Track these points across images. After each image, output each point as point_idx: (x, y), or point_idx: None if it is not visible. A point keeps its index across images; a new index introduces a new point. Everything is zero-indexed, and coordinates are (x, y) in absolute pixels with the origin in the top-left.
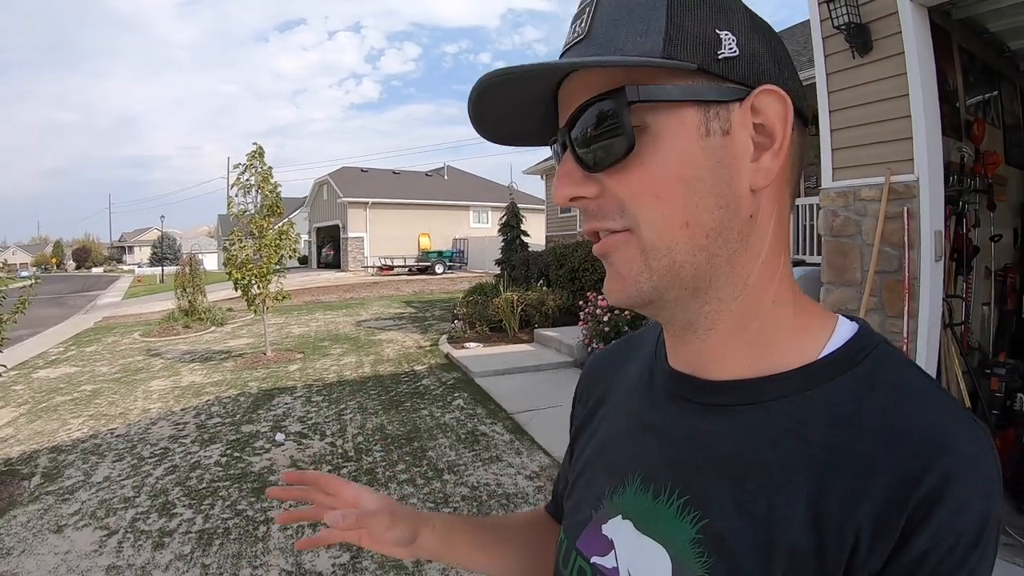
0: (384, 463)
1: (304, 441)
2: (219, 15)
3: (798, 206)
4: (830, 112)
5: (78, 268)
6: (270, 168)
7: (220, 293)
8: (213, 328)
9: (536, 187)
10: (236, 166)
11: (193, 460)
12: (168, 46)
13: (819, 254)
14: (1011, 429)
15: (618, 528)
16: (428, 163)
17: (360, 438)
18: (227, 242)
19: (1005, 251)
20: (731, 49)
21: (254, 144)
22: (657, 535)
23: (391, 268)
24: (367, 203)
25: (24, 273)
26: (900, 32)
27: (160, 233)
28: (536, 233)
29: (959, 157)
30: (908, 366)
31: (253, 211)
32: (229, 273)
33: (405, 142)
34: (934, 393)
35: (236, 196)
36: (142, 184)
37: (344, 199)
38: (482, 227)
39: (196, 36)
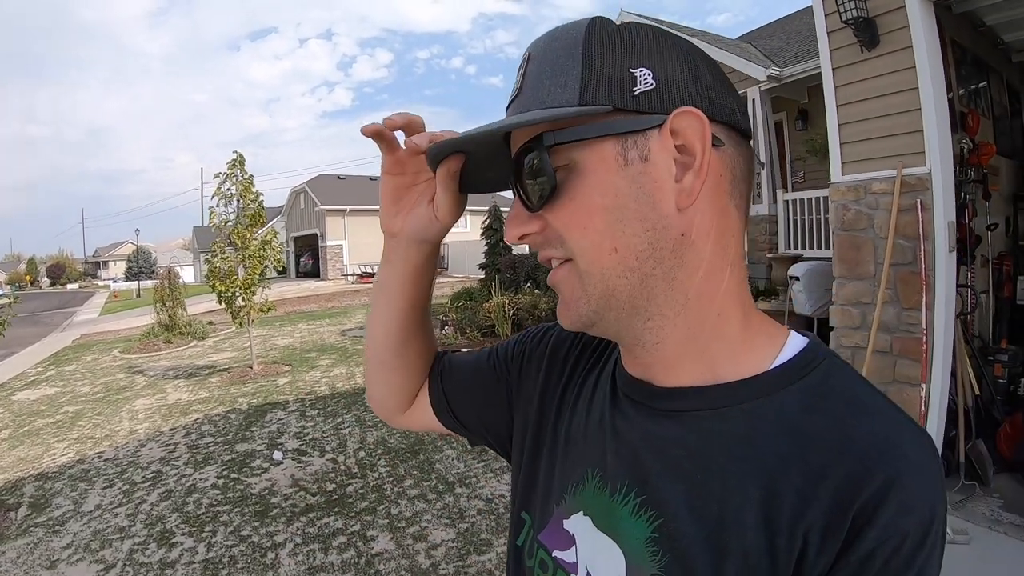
0: (391, 478)
1: (303, 458)
2: (190, 24)
3: (788, 201)
4: (837, 107)
5: (52, 285)
6: (251, 176)
7: (199, 306)
8: (195, 342)
9: None
10: (216, 175)
11: (188, 484)
12: (139, 56)
13: (816, 248)
14: (1018, 413)
15: (579, 524)
16: None
17: (362, 453)
18: (209, 254)
19: (999, 239)
20: (647, 83)
21: (234, 152)
22: (613, 533)
23: (371, 276)
24: (345, 210)
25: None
26: (908, 26)
27: (135, 247)
28: None
29: (959, 149)
30: (854, 378)
31: (235, 221)
32: (212, 286)
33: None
34: (879, 403)
35: (217, 206)
36: (115, 198)
37: (322, 207)
38: (462, 231)
39: (167, 45)
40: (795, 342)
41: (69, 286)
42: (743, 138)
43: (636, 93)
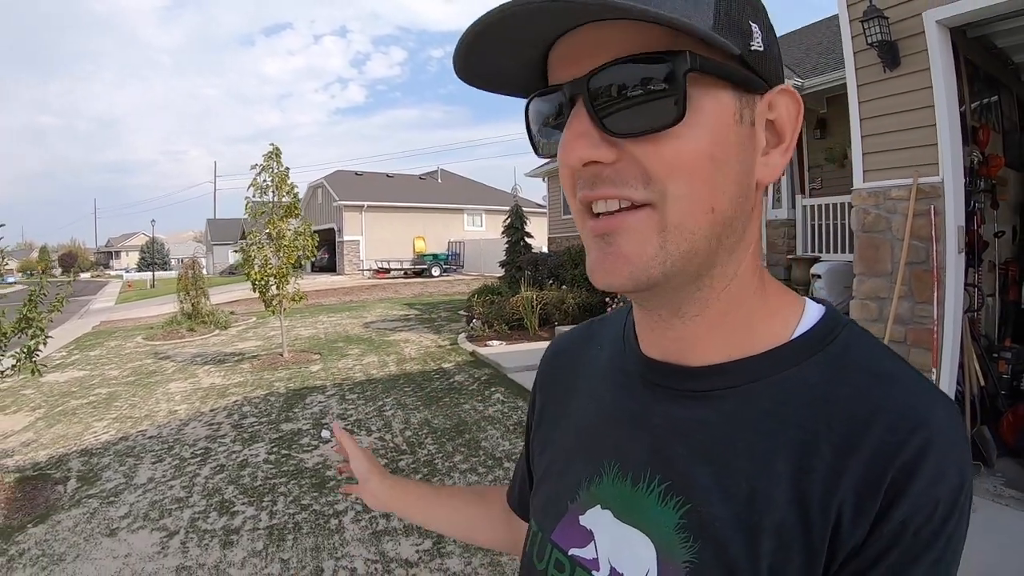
0: (440, 455)
1: (352, 437)
2: (203, 18)
3: (806, 207)
4: (861, 120)
5: (64, 274)
6: (287, 169)
7: (217, 297)
8: (217, 331)
9: (538, 189)
10: (253, 166)
11: (239, 459)
12: (151, 49)
13: (832, 251)
14: (1021, 405)
15: (597, 518)
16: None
17: (408, 432)
18: (244, 243)
19: (1006, 246)
20: (758, 43)
21: (271, 144)
22: (639, 523)
23: (387, 271)
24: (363, 206)
25: (10, 279)
26: (926, 50)
27: (148, 238)
28: (538, 235)
29: (969, 161)
30: (877, 345)
31: (270, 212)
32: (247, 274)
33: (391, 146)
34: (905, 371)
35: (253, 196)
36: (127, 189)
37: (340, 202)
38: (476, 230)
39: (180, 39)
40: (812, 311)
41: (81, 275)
42: None
43: (752, 50)
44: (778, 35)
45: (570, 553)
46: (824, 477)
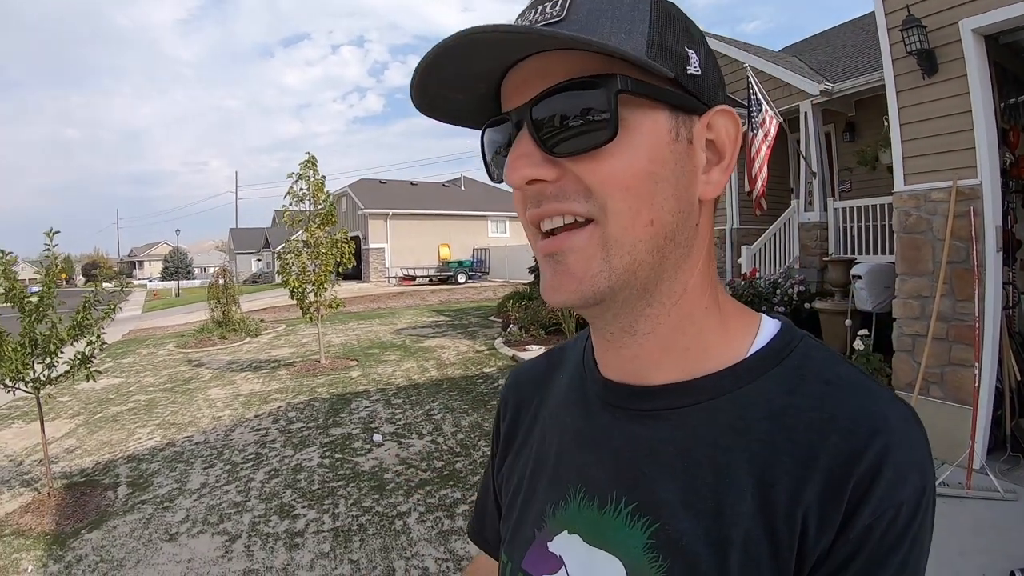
0: None
1: (404, 440)
2: (224, 31)
3: (838, 209)
4: (901, 125)
5: (87, 283)
6: (323, 178)
7: (244, 305)
8: (248, 339)
9: None
10: (289, 175)
11: (293, 464)
12: (173, 62)
13: (865, 252)
14: None
15: (566, 544)
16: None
17: (460, 435)
18: (281, 251)
19: None
20: (695, 67)
21: (307, 154)
22: (608, 545)
23: (413, 278)
24: (388, 214)
25: (34, 289)
26: (963, 57)
27: (171, 248)
28: None
29: (1002, 162)
30: (832, 356)
31: (307, 220)
32: (285, 281)
33: (409, 155)
34: (860, 379)
35: (290, 205)
36: (149, 200)
37: (365, 210)
38: (501, 236)
39: (201, 52)
40: (769, 326)
41: (104, 285)
42: None
43: (688, 73)
44: (804, 38)
45: None
46: (787, 488)
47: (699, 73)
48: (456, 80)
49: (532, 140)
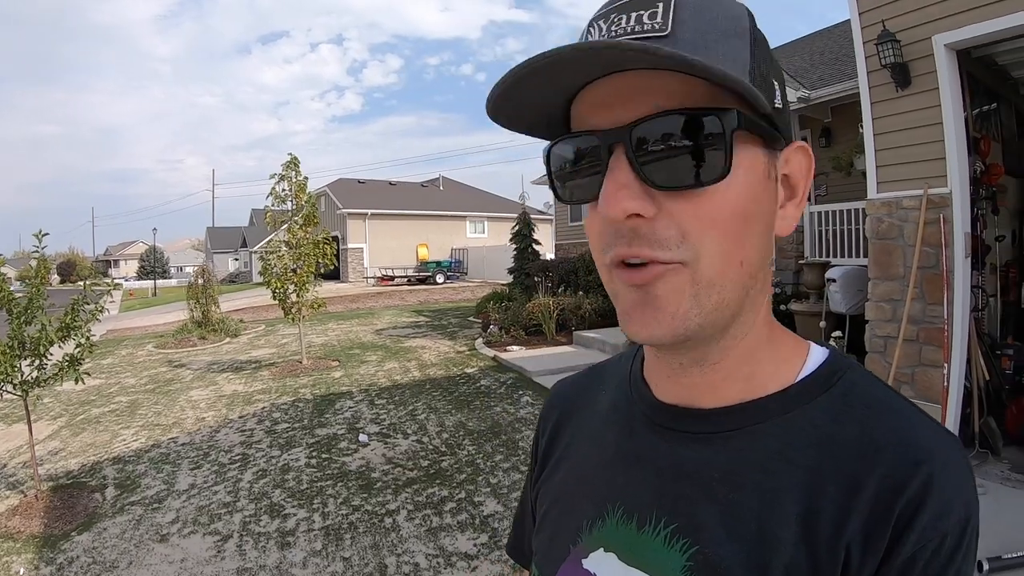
0: (481, 455)
1: (389, 440)
2: (202, 27)
3: (814, 213)
4: (874, 135)
5: (63, 283)
6: (306, 178)
7: (224, 305)
8: (228, 339)
9: (541, 196)
10: (272, 176)
11: (280, 464)
12: (150, 59)
13: (840, 255)
14: (1022, 397)
15: (601, 562)
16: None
17: (445, 435)
18: (263, 250)
19: (1006, 250)
20: (779, 100)
21: (289, 154)
22: (645, 566)
23: (392, 278)
24: (366, 214)
25: (15, 286)
26: (935, 71)
27: (147, 246)
28: (543, 242)
29: (972, 171)
30: (878, 385)
31: (290, 220)
32: (267, 282)
33: (387, 154)
34: (905, 407)
35: (272, 206)
36: (125, 198)
37: (343, 210)
38: (479, 237)
39: (178, 49)
40: (816, 354)
41: (79, 284)
42: None
43: (775, 107)
44: (781, 44)
45: None
46: (832, 517)
47: (782, 106)
48: (539, 91)
49: (631, 168)
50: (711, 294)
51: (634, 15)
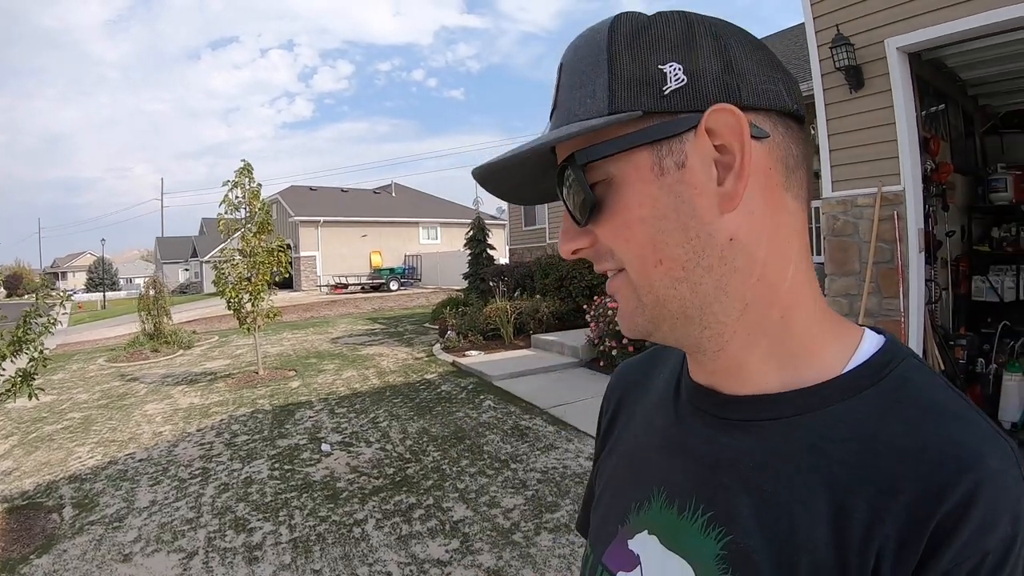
0: (446, 460)
1: (352, 449)
2: (150, 32)
3: None
4: (828, 136)
5: (9, 296)
6: (259, 185)
7: (176, 316)
8: (181, 351)
9: (494, 201)
10: (225, 183)
11: (243, 476)
12: (98, 64)
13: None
14: (977, 385)
15: (645, 543)
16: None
17: (408, 441)
18: (216, 260)
19: (956, 245)
20: (677, 80)
21: (242, 161)
22: (683, 551)
23: (345, 286)
24: (319, 221)
25: None
26: (887, 73)
27: (95, 258)
28: (498, 247)
29: (924, 169)
30: (934, 381)
31: (244, 228)
32: (221, 292)
33: (339, 160)
34: (959, 409)
35: (225, 213)
36: (72, 207)
37: (296, 218)
38: (432, 243)
39: (127, 54)
40: (870, 343)
41: (27, 297)
42: (794, 121)
43: (666, 92)
44: None
45: (617, 575)
46: (865, 519)
47: (683, 83)
48: (532, 178)
49: (568, 216)
50: (647, 292)
51: (552, 90)
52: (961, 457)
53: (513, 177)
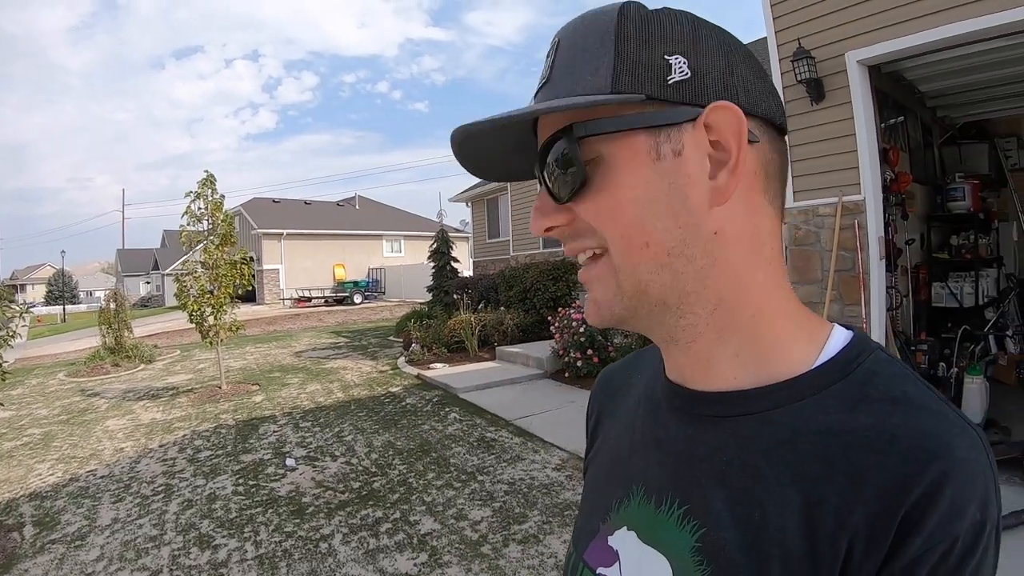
0: (412, 473)
1: (317, 463)
2: (115, 40)
3: None
4: (791, 147)
5: None
6: (222, 197)
7: (138, 330)
8: (143, 365)
9: (458, 214)
10: (187, 193)
11: (207, 492)
12: (60, 71)
13: None
14: (939, 389)
15: (623, 539)
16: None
17: (374, 455)
18: (178, 272)
19: (916, 252)
20: (682, 72)
21: (205, 172)
22: (659, 545)
23: (309, 300)
24: (282, 234)
25: None
26: (848, 86)
27: (55, 270)
28: (462, 260)
29: (884, 179)
30: (902, 374)
31: (206, 240)
32: (183, 304)
33: (302, 172)
34: (927, 400)
35: (188, 225)
36: (32, 219)
37: (258, 230)
38: (396, 256)
39: (90, 61)
40: (839, 338)
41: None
42: (779, 133)
43: (671, 82)
44: None
45: (598, 572)
46: (835, 509)
47: (687, 76)
48: (504, 151)
49: (545, 192)
50: (627, 279)
51: (544, 66)
52: (929, 447)
53: (486, 147)
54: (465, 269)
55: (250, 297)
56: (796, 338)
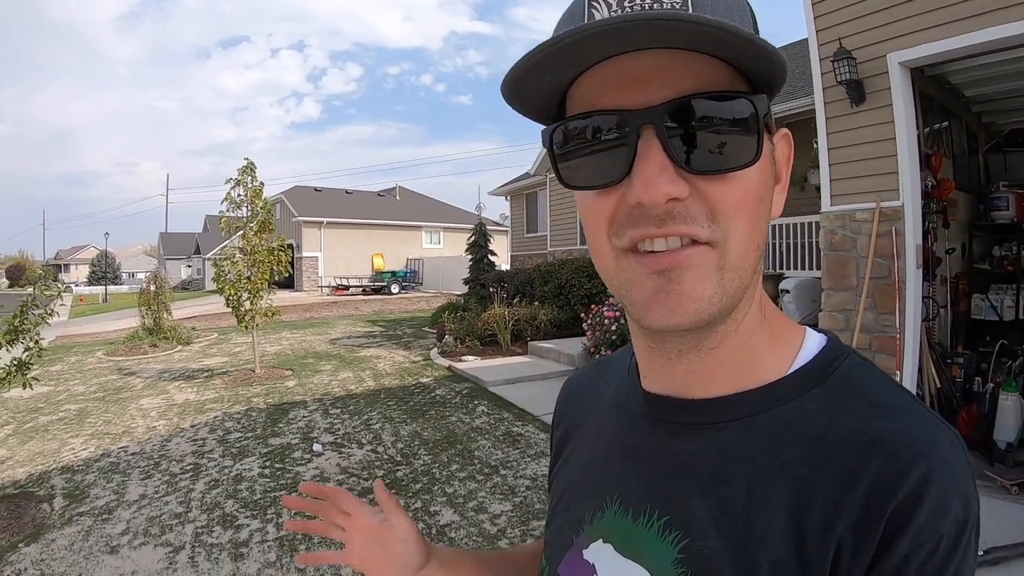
0: (436, 464)
1: (344, 450)
2: (161, 30)
3: (774, 226)
4: (829, 150)
5: (12, 287)
6: (262, 184)
7: (176, 312)
8: (180, 347)
9: (497, 207)
10: (228, 180)
11: (233, 474)
12: (108, 60)
13: (794, 267)
14: (974, 404)
15: (599, 552)
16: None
17: (400, 444)
18: (217, 257)
19: (956, 262)
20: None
21: (245, 159)
22: (639, 557)
23: (346, 288)
24: (322, 222)
25: None
26: (889, 88)
27: (98, 251)
28: (499, 254)
29: (923, 185)
30: (877, 376)
31: (245, 227)
32: (221, 289)
33: (344, 162)
34: (905, 402)
35: (227, 211)
36: (78, 201)
37: (299, 218)
38: (434, 247)
39: (137, 51)
40: (812, 342)
41: (29, 288)
42: None
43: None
44: None
45: None
46: (822, 511)
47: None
48: (549, 74)
49: (664, 150)
50: (734, 278)
51: None
52: (910, 447)
53: (559, 67)
54: (503, 263)
55: (289, 283)
56: (772, 343)
